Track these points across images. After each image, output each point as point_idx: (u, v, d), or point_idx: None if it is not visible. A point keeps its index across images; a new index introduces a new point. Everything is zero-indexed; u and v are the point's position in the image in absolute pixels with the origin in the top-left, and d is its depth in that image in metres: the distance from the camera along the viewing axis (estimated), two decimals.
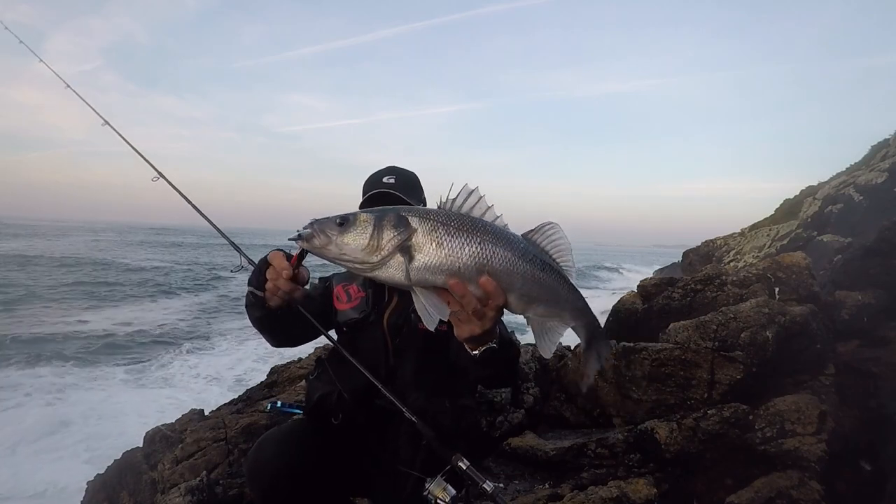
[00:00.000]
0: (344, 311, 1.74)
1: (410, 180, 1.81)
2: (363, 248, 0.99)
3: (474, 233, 1.02)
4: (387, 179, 1.76)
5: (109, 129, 2.24)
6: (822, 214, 11.05)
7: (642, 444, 2.86)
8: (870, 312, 3.76)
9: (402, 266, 1.00)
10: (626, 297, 4.59)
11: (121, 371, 9.80)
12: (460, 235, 1.01)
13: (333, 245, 1.00)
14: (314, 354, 4.61)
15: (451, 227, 1.02)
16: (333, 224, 1.01)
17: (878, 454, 2.73)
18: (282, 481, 1.51)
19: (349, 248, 1.00)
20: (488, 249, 1.02)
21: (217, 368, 10.11)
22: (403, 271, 1.00)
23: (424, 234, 1.00)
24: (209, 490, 2.87)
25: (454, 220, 1.03)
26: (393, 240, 0.99)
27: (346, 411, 1.62)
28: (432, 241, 1.00)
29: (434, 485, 1.44)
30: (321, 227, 1.01)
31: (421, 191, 1.85)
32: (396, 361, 1.67)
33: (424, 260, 1.00)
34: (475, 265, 1.01)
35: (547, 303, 1.10)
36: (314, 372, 1.81)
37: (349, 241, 0.99)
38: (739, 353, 3.06)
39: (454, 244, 1.00)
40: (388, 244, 0.99)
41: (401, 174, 1.80)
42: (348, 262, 1.02)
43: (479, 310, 1.06)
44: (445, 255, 1.00)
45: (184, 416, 4.12)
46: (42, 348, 10.87)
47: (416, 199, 1.78)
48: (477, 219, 1.06)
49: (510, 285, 1.05)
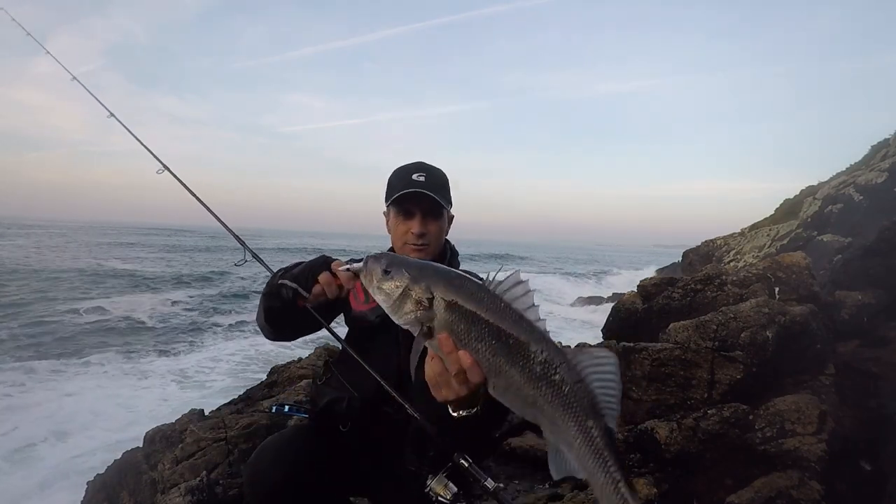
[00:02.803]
0: (361, 311, 1.69)
1: (440, 179, 1.73)
2: (388, 306, 1.05)
3: (493, 342, 0.95)
4: (417, 177, 1.67)
5: (115, 122, 2.26)
6: (822, 214, 11.05)
7: (642, 443, 2.86)
8: (870, 312, 3.76)
9: (419, 335, 1.03)
10: (627, 297, 4.59)
11: (108, 366, 9.86)
12: (479, 340, 0.96)
13: (373, 289, 1.07)
14: (315, 355, 4.61)
15: (474, 328, 0.96)
16: (380, 270, 1.06)
17: (878, 454, 2.73)
18: (281, 491, 1.49)
19: (380, 298, 1.06)
20: (498, 365, 0.96)
21: (212, 363, 10.16)
22: (420, 339, 1.03)
23: (445, 322, 0.99)
24: (209, 490, 2.88)
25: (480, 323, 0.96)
26: (410, 314, 1.02)
27: (356, 418, 1.60)
28: (454, 336, 0.98)
29: (436, 482, 1.44)
30: (369, 269, 1.07)
31: (449, 190, 1.78)
32: (407, 367, 1.66)
33: (440, 342, 0.99)
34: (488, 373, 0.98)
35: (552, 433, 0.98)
36: (322, 377, 1.77)
37: (380, 295, 1.06)
38: (739, 353, 3.06)
39: (470, 345, 0.97)
40: (406, 315, 1.03)
41: (430, 172, 1.71)
42: (379, 302, 1.07)
43: (461, 377, 0.98)
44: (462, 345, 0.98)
45: (184, 416, 4.12)
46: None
47: (446, 199, 1.72)
48: (515, 322, 0.96)
49: (514, 404, 0.98)
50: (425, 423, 1.49)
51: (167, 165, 2.05)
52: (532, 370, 0.95)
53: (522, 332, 0.96)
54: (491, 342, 0.96)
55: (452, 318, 0.98)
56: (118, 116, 2.25)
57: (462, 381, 0.99)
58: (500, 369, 0.96)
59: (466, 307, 0.98)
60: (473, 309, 0.98)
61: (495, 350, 0.96)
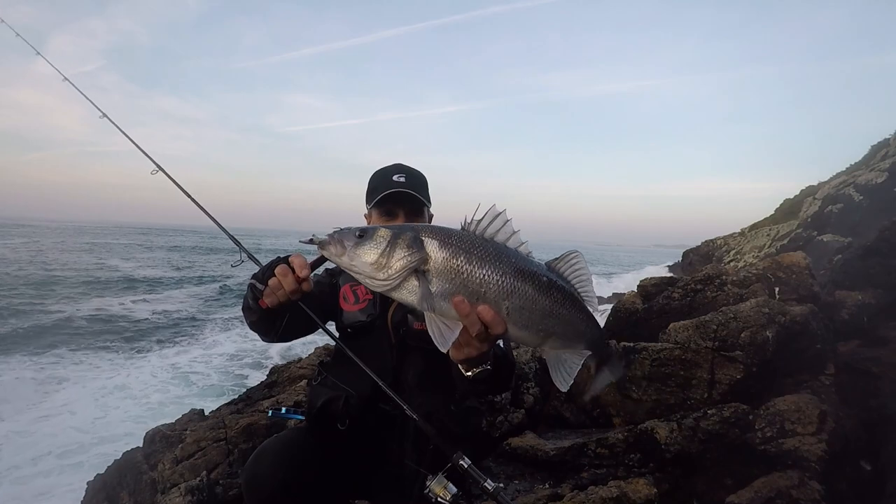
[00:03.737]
0: (351, 312, 1.70)
1: (420, 179, 1.77)
2: (372, 262, 0.98)
3: (496, 265, 0.97)
4: (397, 178, 1.70)
5: (108, 122, 2.25)
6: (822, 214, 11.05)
7: (642, 443, 2.86)
8: (870, 312, 3.75)
9: (415, 290, 0.97)
10: (627, 297, 4.59)
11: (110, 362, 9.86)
12: (481, 267, 0.97)
13: (347, 256, 1.00)
14: (314, 355, 4.62)
15: (473, 257, 0.97)
16: (353, 235, 1.01)
17: (878, 454, 2.72)
18: (279, 495, 1.49)
19: (360, 261, 0.99)
20: (509, 285, 0.97)
21: (209, 359, 10.17)
22: (417, 295, 0.97)
23: (443, 260, 0.97)
24: (209, 490, 2.87)
25: (476, 249, 0.98)
26: (402, 260, 0.97)
27: (353, 416, 1.60)
28: (450, 270, 0.96)
29: (435, 483, 1.44)
30: (340, 236, 1.02)
31: (428, 189, 1.81)
32: (401, 364, 1.65)
33: (440, 288, 0.96)
34: (494, 300, 0.97)
35: (563, 337, 1.06)
36: (317, 377, 1.77)
37: (361, 254, 0.99)
38: (739, 352, 3.06)
39: (474, 276, 0.96)
40: (396, 263, 0.97)
41: (410, 173, 1.74)
42: (359, 275, 1.01)
43: (482, 334, 1.01)
44: (462, 286, 0.96)
45: (184, 416, 4.13)
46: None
47: (426, 198, 1.75)
48: (500, 247, 1.01)
49: (529, 322, 1.01)
50: (424, 424, 1.49)
51: (161, 166, 2.03)
52: (540, 282, 1.02)
53: (516, 253, 1.03)
54: (498, 264, 0.98)
55: (447, 254, 0.97)
56: (111, 117, 2.24)
57: (484, 339, 1.02)
58: (512, 289, 0.99)
59: (459, 242, 0.99)
60: (467, 242, 1.00)
61: (503, 271, 0.98)
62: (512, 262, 1.00)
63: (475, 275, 0.96)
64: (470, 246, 0.99)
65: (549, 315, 1.02)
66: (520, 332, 1.04)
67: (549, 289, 1.03)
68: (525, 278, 1.00)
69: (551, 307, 1.02)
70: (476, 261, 0.98)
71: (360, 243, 0.99)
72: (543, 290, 1.01)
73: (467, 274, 0.96)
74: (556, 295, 1.03)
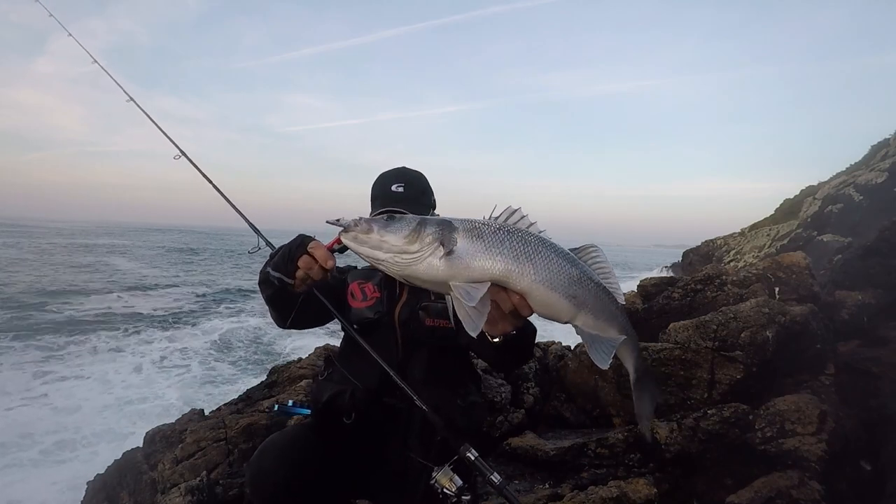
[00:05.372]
0: (359, 309, 1.71)
1: (420, 186, 1.78)
2: (405, 236, 1.00)
3: (521, 238, 1.03)
4: (395, 188, 1.71)
5: (134, 110, 2.30)
6: (822, 214, 11.05)
7: (642, 443, 2.86)
8: (870, 312, 3.75)
9: (444, 266, 0.99)
10: (626, 297, 4.59)
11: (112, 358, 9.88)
12: (508, 240, 1.02)
13: (376, 233, 1.01)
14: (314, 355, 4.61)
15: (499, 232, 1.03)
16: (381, 219, 1.04)
17: (878, 454, 2.72)
18: (284, 491, 1.49)
19: (390, 237, 1.01)
20: (532, 248, 1.02)
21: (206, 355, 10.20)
22: (442, 265, 0.99)
23: (470, 236, 1.01)
24: (209, 490, 2.87)
25: (501, 228, 1.04)
26: (431, 234, 1.00)
27: (360, 409, 1.62)
28: (474, 237, 1.01)
29: (441, 474, 1.44)
30: (368, 220, 1.04)
31: (431, 193, 1.83)
32: (407, 361, 1.67)
33: (465, 252, 1.00)
34: (521, 271, 1.01)
35: (595, 312, 1.08)
36: (323, 373, 1.79)
37: (392, 231, 1.01)
38: (739, 352, 3.06)
39: (497, 241, 1.01)
40: (427, 237, 1.00)
41: (409, 181, 1.75)
42: (386, 253, 1.01)
43: (515, 310, 1.06)
44: (487, 249, 1.00)
45: (184, 415, 4.13)
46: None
47: (427, 204, 1.77)
48: (523, 230, 1.06)
49: (557, 284, 1.03)
50: (432, 415, 1.50)
51: (184, 151, 2.08)
52: (565, 253, 1.06)
53: (544, 240, 1.06)
54: (522, 238, 1.03)
55: (474, 232, 1.02)
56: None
57: (515, 316, 1.10)
58: (539, 257, 1.03)
59: (484, 224, 1.05)
60: (492, 224, 1.05)
61: (527, 241, 1.03)
62: (535, 237, 1.05)
63: (502, 248, 1.01)
64: (495, 227, 1.04)
65: (577, 282, 1.05)
66: (550, 297, 1.04)
67: (575, 260, 1.07)
68: (550, 248, 1.04)
69: (579, 275, 1.05)
70: (503, 235, 1.03)
71: (389, 223, 1.03)
72: (569, 259, 1.06)
73: (495, 249, 1.01)
74: (582, 266, 1.08)
